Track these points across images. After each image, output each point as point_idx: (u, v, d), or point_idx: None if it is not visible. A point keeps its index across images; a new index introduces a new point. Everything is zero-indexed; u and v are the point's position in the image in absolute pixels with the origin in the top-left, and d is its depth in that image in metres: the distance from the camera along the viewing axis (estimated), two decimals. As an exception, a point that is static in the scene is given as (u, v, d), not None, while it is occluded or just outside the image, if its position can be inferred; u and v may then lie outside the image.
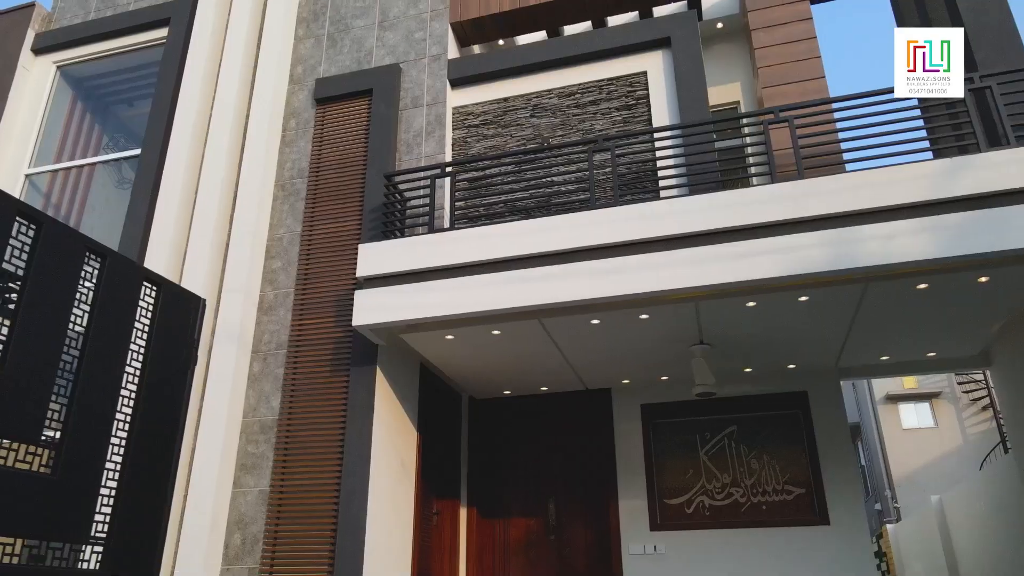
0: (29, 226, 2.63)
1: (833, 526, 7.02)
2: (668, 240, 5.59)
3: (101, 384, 2.79)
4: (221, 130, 7.85)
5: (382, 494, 6.25)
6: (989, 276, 5.36)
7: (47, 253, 2.67)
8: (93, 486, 2.69)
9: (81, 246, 2.91)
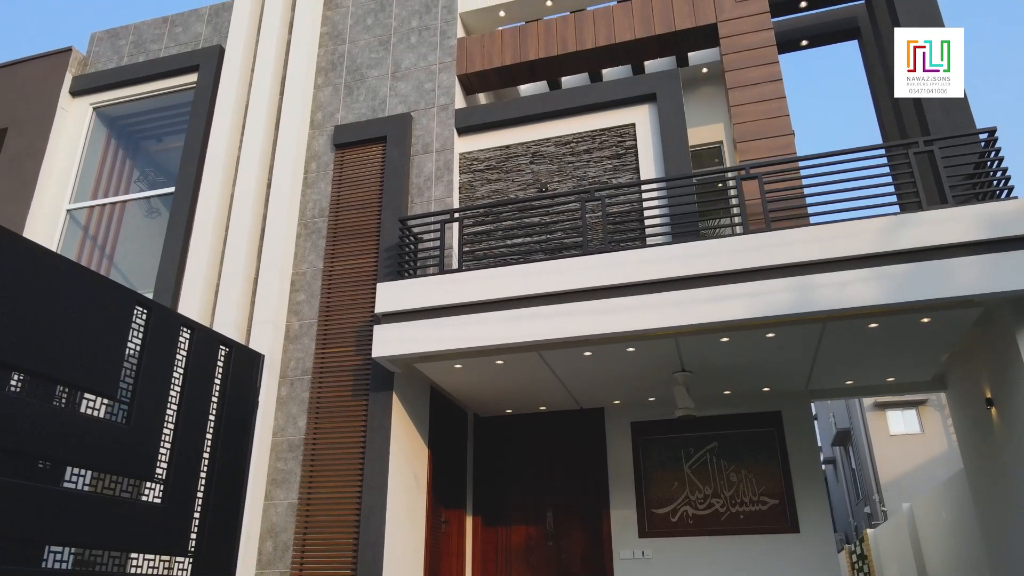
0: (143, 311, 3.39)
1: (803, 534, 7.79)
2: (652, 284, 6.35)
3: (191, 431, 3.54)
4: (249, 172, 8.62)
5: (398, 506, 7.01)
6: (931, 318, 6.14)
7: (154, 331, 3.42)
8: (189, 511, 3.44)
9: (177, 323, 3.66)
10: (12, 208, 9.46)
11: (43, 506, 2.71)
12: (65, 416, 2.92)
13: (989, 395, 6.75)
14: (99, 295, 3.18)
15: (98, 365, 3.05)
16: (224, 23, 10.04)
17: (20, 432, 2.67)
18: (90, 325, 3.05)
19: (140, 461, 3.18)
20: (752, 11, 7.91)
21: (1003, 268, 5.61)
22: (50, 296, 2.93)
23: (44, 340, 2.83)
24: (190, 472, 3.46)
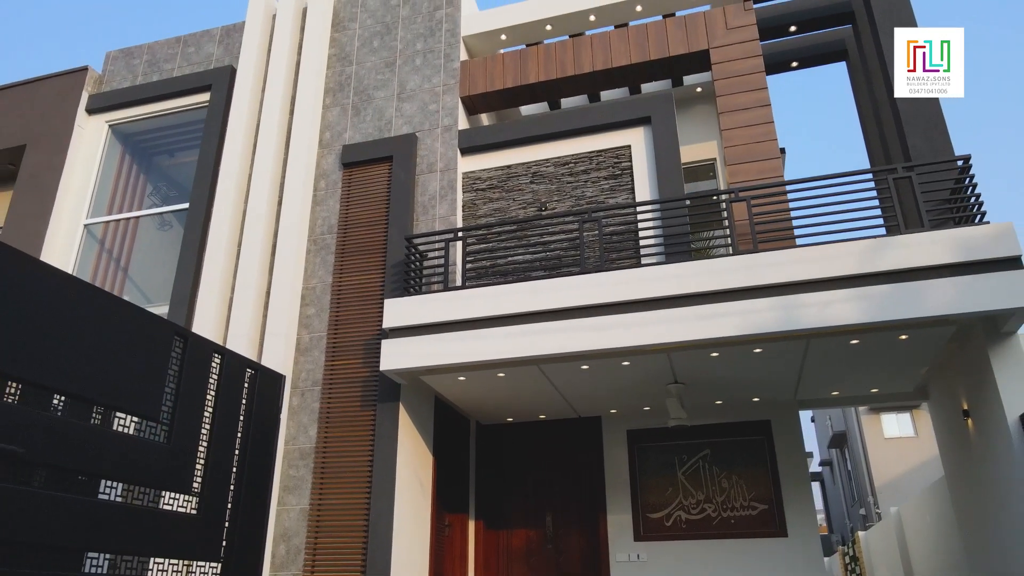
0: (180, 340, 3.75)
1: (790, 538, 8.15)
2: (646, 301, 6.71)
3: (222, 447, 3.90)
4: (260, 190, 8.99)
5: (404, 511, 7.37)
6: (908, 335, 6.50)
7: (190, 358, 3.78)
8: (221, 521, 3.79)
9: (209, 350, 4.03)
10: (32, 223, 9.83)
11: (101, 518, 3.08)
12: (119, 439, 3.29)
13: (966, 407, 7.11)
14: (144, 328, 3.55)
15: (144, 391, 3.42)
16: (235, 44, 10.40)
17: (87, 455, 3.05)
18: (137, 355, 3.42)
19: (179, 477, 3.54)
20: (742, 38, 8.27)
21: (975, 289, 5.97)
22: (102, 331, 3.29)
23: (100, 371, 3.19)
24: (221, 485, 3.82)
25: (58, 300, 3.05)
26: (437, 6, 9.71)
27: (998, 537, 6.75)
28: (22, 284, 2.87)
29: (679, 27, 8.62)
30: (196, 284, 8.80)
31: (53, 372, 2.99)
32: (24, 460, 2.81)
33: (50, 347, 2.98)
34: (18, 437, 2.74)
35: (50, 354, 2.96)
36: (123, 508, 3.26)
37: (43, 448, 2.86)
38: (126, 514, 3.26)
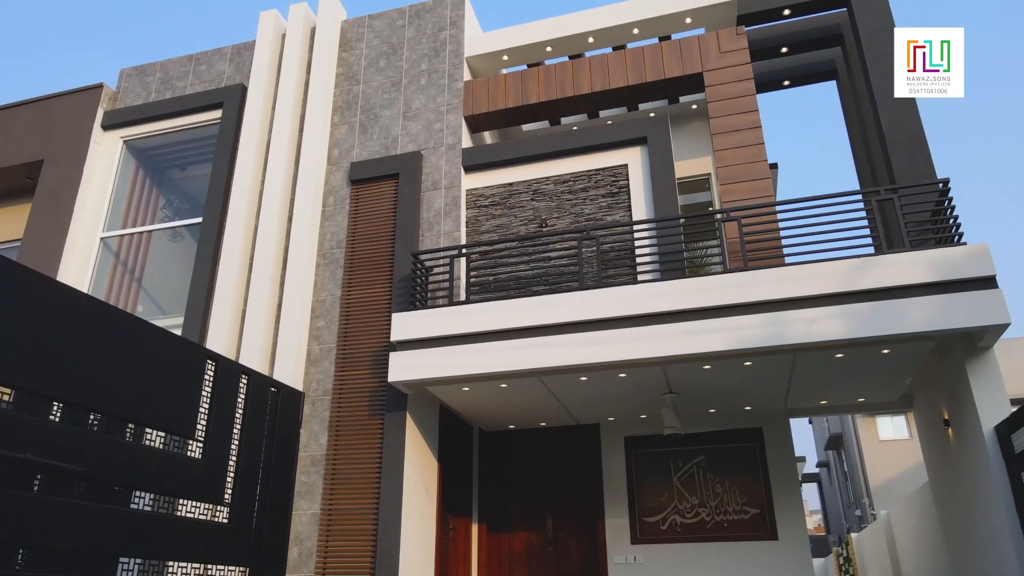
0: (212, 364, 4.10)
1: (781, 541, 8.51)
2: (641, 317, 7.07)
3: (249, 461, 4.25)
4: (271, 206, 9.35)
5: (411, 515, 7.73)
6: (890, 349, 6.85)
7: (220, 380, 4.13)
8: (249, 529, 4.14)
9: (238, 371, 4.37)
10: (51, 236, 10.18)
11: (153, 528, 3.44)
12: (162, 456, 3.64)
13: (946, 416, 7.46)
14: (181, 353, 3.90)
15: (182, 411, 3.77)
16: (246, 62, 10.75)
17: (136, 472, 3.40)
18: (175, 379, 3.77)
19: (212, 489, 3.89)
20: (734, 62, 8.62)
21: (953, 307, 6.31)
22: (148, 359, 3.65)
23: (146, 396, 3.55)
24: (249, 495, 4.17)
25: (112, 334, 3.41)
26: (441, 27, 10.06)
27: (976, 542, 7.10)
28: (86, 324, 3.23)
29: (674, 50, 8.98)
30: (210, 297, 9.15)
31: (111, 400, 3.35)
32: (83, 477, 3.16)
33: (108, 378, 3.33)
34: (81, 457, 3.09)
35: (108, 384, 3.32)
36: (168, 519, 3.62)
37: (101, 467, 3.21)
38: (170, 524, 3.62)
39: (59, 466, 3.02)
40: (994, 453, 6.40)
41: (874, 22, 8.47)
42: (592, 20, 9.49)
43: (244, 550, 4.02)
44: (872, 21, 8.49)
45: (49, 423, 2.99)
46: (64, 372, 3.10)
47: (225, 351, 8.68)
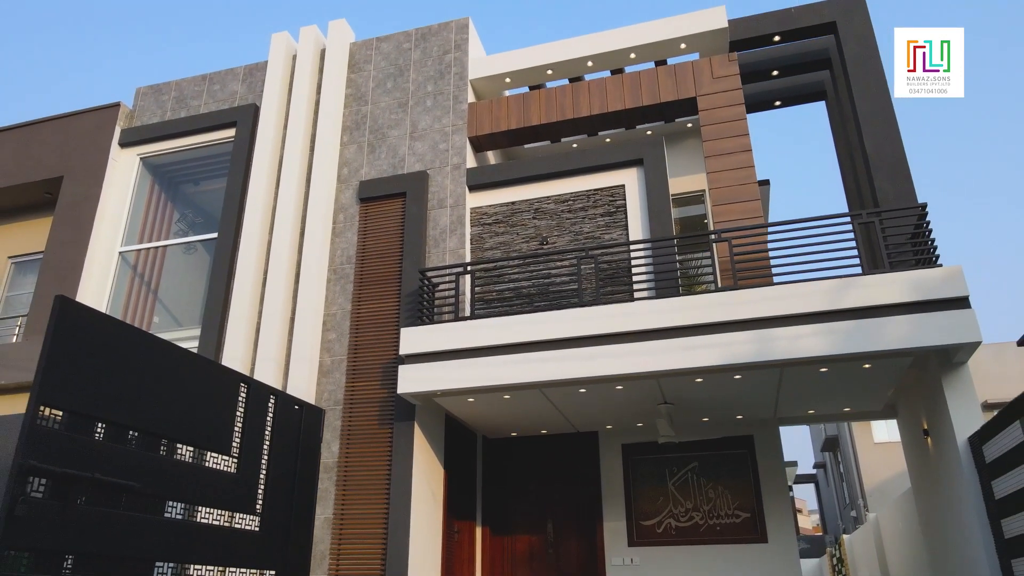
0: (244, 387, 4.52)
1: (770, 543, 8.94)
2: (636, 333, 7.49)
3: (279, 472, 4.67)
4: (284, 223, 9.77)
5: (419, 519, 8.14)
6: (871, 364, 7.28)
7: (252, 401, 4.55)
8: (277, 536, 4.55)
9: (266, 392, 4.79)
10: (71, 250, 10.61)
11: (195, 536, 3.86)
12: (203, 472, 4.06)
13: (926, 426, 7.89)
14: (218, 378, 4.33)
15: (219, 430, 4.19)
16: (258, 82, 11.17)
17: (174, 484, 3.82)
18: (214, 402, 4.19)
19: (246, 501, 4.31)
20: (726, 87, 9.04)
21: (928, 326, 6.73)
22: (192, 385, 4.07)
23: (190, 418, 3.97)
24: (277, 505, 4.58)
25: (162, 366, 3.83)
26: (446, 50, 10.48)
27: (952, 545, 7.53)
28: (140, 358, 3.65)
29: (669, 75, 9.40)
30: (226, 310, 9.57)
31: (159, 422, 3.77)
32: (137, 492, 3.58)
33: (157, 404, 3.75)
34: (135, 474, 3.50)
35: (157, 409, 3.74)
36: (208, 527, 4.05)
37: (151, 481, 3.63)
38: (209, 532, 4.04)
39: (119, 483, 3.44)
40: (967, 462, 6.81)
41: (859, 49, 8.89)
42: (591, 45, 9.91)
43: (273, 555, 4.44)
44: (857, 48, 8.90)
45: (115, 447, 3.41)
46: (134, 405, 3.54)
47: (241, 363, 9.11)
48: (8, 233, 11.94)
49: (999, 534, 6.35)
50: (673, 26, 9.64)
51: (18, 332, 10.83)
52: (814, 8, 9.30)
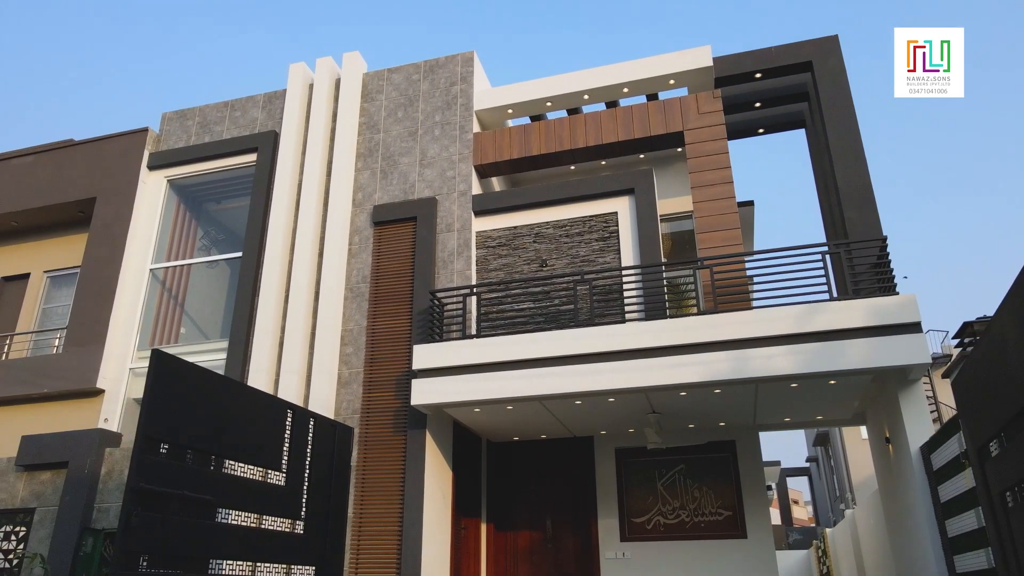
0: (290, 413, 5.35)
1: (749, 539, 9.81)
2: (626, 352, 8.33)
3: (317, 482, 5.52)
4: (304, 244, 10.61)
5: (430, 517, 9.01)
6: (836, 380, 8.13)
7: (296, 424, 5.39)
8: (317, 537, 5.39)
9: (307, 417, 5.63)
10: (106, 267, 11.46)
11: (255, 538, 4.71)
12: (261, 486, 4.92)
13: (887, 434, 8.75)
14: (270, 407, 5.18)
15: (271, 451, 5.04)
16: (277, 109, 11.99)
17: (239, 496, 4.68)
18: (268, 427, 5.04)
19: (293, 508, 5.15)
20: (711, 123, 9.87)
21: (885, 348, 7.57)
22: (249, 414, 4.92)
23: (252, 442, 4.82)
24: (317, 511, 5.43)
25: (229, 400, 4.68)
26: (453, 82, 11.29)
27: (909, 542, 8.40)
28: (212, 395, 4.50)
29: (659, 110, 10.22)
30: (251, 325, 10.43)
31: (222, 444, 4.62)
32: (211, 504, 4.42)
33: (227, 432, 4.59)
34: (210, 489, 4.34)
35: (227, 436, 4.59)
36: (266, 532, 4.90)
37: (222, 495, 4.48)
38: (265, 537, 4.90)
39: (201, 498, 4.29)
40: (919, 468, 7.68)
41: (832, 88, 9.70)
42: (587, 80, 10.72)
43: (313, 554, 5.28)
44: (830, 87, 9.72)
45: (197, 469, 4.26)
46: (210, 434, 4.38)
47: (266, 375, 9.98)
48: (44, 249, 12.78)
49: (944, 533, 7.21)
50: (662, 63, 10.44)
51: (58, 344, 11.68)
52: (792, 48, 10.11)
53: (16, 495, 7.01)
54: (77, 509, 6.54)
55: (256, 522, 4.94)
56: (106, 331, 11.00)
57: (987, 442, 5.22)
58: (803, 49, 10.06)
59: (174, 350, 11.32)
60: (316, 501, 5.36)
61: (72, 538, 6.44)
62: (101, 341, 10.95)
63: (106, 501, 6.69)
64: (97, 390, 10.78)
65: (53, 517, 6.69)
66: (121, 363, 11.04)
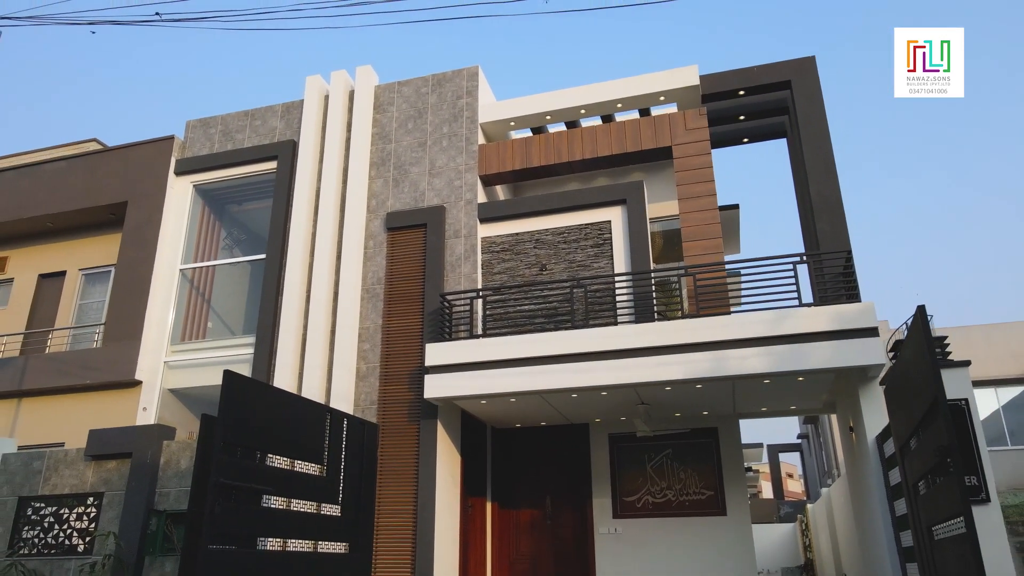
0: (327, 415, 6.32)
1: (728, 516, 10.88)
2: (617, 352, 9.31)
3: (353, 473, 6.53)
4: (323, 248, 11.55)
5: (441, 497, 10.04)
6: (804, 378, 9.13)
7: (333, 424, 6.37)
8: (351, 518, 6.40)
9: (342, 417, 6.61)
10: (139, 268, 12.41)
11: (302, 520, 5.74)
12: (304, 477, 5.92)
13: (851, 424, 9.77)
14: (313, 411, 6.18)
15: (315, 448, 6.04)
16: (294, 119, 12.86)
17: (289, 486, 5.69)
18: (311, 428, 6.04)
19: (332, 495, 6.16)
20: (697, 138, 10.76)
21: (846, 350, 8.54)
22: (297, 418, 5.92)
23: (295, 439, 5.82)
24: (351, 496, 6.43)
25: (281, 407, 5.66)
26: (459, 95, 12.15)
27: (867, 520, 9.46)
28: (269, 404, 5.48)
29: (649, 126, 11.10)
30: (276, 324, 11.40)
31: (277, 444, 5.62)
32: (268, 493, 5.42)
33: (272, 431, 5.58)
34: (263, 481, 5.34)
35: (274, 434, 5.57)
36: (309, 515, 5.92)
37: (274, 485, 5.48)
38: (310, 519, 5.92)
39: (261, 488, 5.28)
40: (874, 455, 8.70)
41: (808, 106, 10.57)
42: (583, 95, 11.58)
43: (347, 531, 6.29)
44: (807, 105, 10.59)
45: (258, 465, 5.26)
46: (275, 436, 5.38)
47: (291, 369, 10.99)
48: (78, 248, 13.72)
49: (893, 512, 8.26)
50: (653, 81, 11.30)
51: (97, 339, 12.67)
52: (772, 68, 10.96)
53: (86, 481, 8.04)
54: (142, 493, 7.55)
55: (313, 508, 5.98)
56: (142, 327, 11.99)
57: (908, 439, 6.21)
58: (782, 69, 10.92)
59: (203, 345, 12.33)
60: (349, 488, 6.35)
61: (138, 519, 7.47)
62: (137, 336, 11.94)
63: (166, 487, 7.70)
64: (135, 381, 11.79)
65: (119, 500, 7.72)
66: (156, 356, 12.04)
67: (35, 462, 8.28)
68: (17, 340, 13.26)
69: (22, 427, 12.07)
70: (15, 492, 8.19)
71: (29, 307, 13.62)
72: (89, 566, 7.37)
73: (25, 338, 13.31)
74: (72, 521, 7.88)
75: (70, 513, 7.96)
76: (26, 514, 8.12)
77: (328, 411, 6.31)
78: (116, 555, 7.34)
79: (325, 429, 6.13)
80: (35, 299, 13.72)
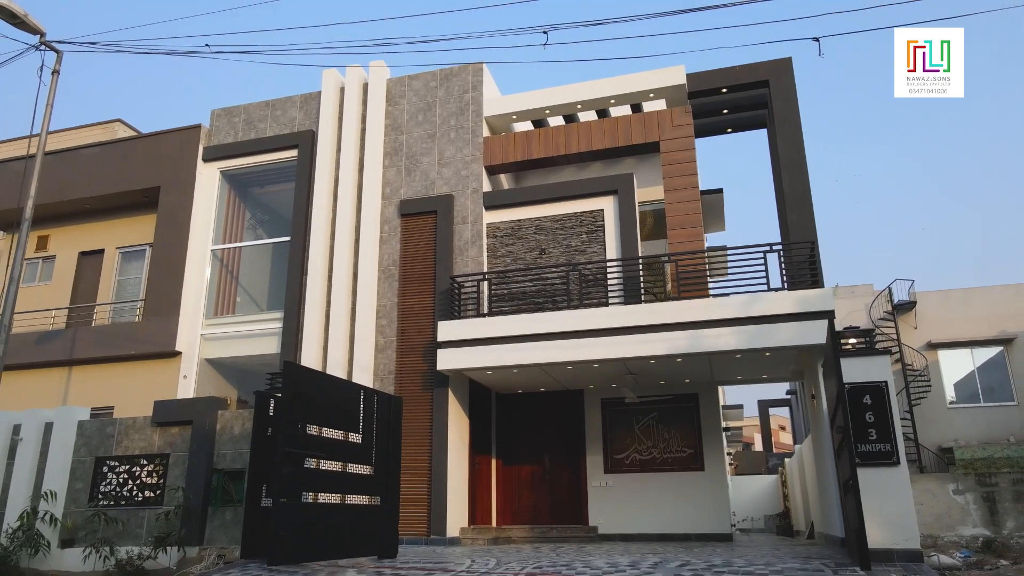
0: (361, 392, 7.64)
1: (706, 471, 12.30)
2: (608, 330, 10.58)
3: (382, 440, 7.86)
4: (342, 232, 12.73)
5: (452, 456, 11.44)
6: (771, 354, 10.42)
7: (366, 399, 7.65)
8: (381, 476, 7.76)
9: (373, 394, 7.89)
10: (174, 250, 13.61)
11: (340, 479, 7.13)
12: (345, 444, 7.25)
13: (813, 392, 11.11)
14: (350, 390, 7.48)
15: (353, 420, 7.35)
16: (312, 109, 13.89)
17: (335, 452, 7.03)
18: (349, 403, 7.33)
19: (367, 456, 7.48)
20: (682, 134, 11.85)
21: (807, 330, 9.80)
22: (338, 396, 7.23)
23: (338, 413, 7.14)
24: (381, 457, 7.76)
25: (329, 388, 6.95)
26: (465, 89, 13.18)
27: (824, 475, 10.86)
28: (319, 386, 6.76)
29: (639, 122, 12.18)
30: (301, 301, 12.65)
31: (324, 418, 6.93)
32: (320, 458, 6.76)
33: (320, 408, 6.89)
34: (312, 447, 6.67)
35: (322, 410, 6.89)
36: (349, 475, 7.29)
37: (321, 451, 6.82)
38: (347, 477, 7.28)
39: (315, 453, 6.60)
40: (827, 421, 10.04)
41: (783, 105, 11.65)
42: (579, 92, 12.62)
43: (378, 487, 7.62)
44: (782, 104, 11.66)
45: (312, 435, 6.60)
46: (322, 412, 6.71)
47: (316, 343, 12.28)
48: (115, 228, 14.88)
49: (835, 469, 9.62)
50: (643, 80, 12.34)
51: (139, 313, 13.93)
52: (752, 68, 12.00)
53: (154, 444, 9.37)
54: (203, 454, 8.88)
55: (341, 468, 7.29)
56: (179, 302, 13.24)
57: (834, 415, 7.53)
58: (761, 69, 11.95)
59: (234, 319, 13.59)
60: (380, 451, 7.65)
61: (202, 476, 8.83)
62: (176, 311, 13.21)
63: (222, 449, 9.03)
64: (175, 352, 13.10)
65: (183, 460, 9.05)
66: (193, 329, 13.32)
67: (108, 427, 9.62)
68: (63, 313, 14.52)
69: (73, 394, 13.42)
70: (92, 453, 9.55)
71: (72, 283, 14.85)
72: (164, 514, 8.77)
73: (70, 312, 14.57)
74: (144, 477, 9.26)
75: (141, 471, 9.33)
76: (102, 471, 9.50)
77: (362, 389, 7.58)
78: (185, 505, 8.73)
79: (360, 403, 7.40)
80: (76, 275, 14.93)
